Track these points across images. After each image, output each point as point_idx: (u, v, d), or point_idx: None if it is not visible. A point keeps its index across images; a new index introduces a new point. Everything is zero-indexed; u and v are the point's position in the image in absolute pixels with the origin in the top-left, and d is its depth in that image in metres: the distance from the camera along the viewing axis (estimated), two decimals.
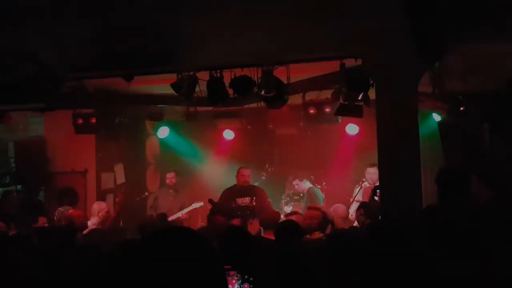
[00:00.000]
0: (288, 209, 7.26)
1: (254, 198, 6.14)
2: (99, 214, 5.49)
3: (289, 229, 3.77)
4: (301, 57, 4.77)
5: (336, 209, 5.04)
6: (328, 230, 4.33)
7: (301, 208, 6.58)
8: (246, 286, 2.62)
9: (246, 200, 6.17)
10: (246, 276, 2.61)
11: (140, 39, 4.79)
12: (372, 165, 6.35)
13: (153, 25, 4.76)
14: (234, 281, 2.58)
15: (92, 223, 5.49)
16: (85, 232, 5.11)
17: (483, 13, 4.04)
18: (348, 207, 5.80)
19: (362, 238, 3.08)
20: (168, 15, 4.75)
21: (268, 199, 6.36)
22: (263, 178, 8.31)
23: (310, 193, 7.02)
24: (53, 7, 4.82)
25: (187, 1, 4.72)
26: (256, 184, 8.03)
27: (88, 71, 5.25)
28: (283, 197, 7.83)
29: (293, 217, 4.61)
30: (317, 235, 4.26)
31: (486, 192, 4.07)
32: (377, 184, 4.81)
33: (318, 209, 4.63)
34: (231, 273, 2.59)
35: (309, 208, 4.92)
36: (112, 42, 4.84)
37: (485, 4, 4.03)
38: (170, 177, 7.26)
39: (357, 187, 6.69)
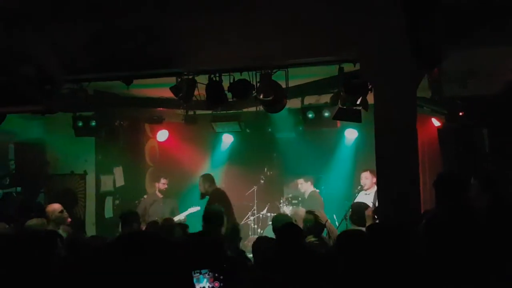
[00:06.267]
0: (287, 212, 7.27)
1: None
2: (53, 216, 5.26)
3: (291, 230, 3.77)
4: (300, 61, 4.78)
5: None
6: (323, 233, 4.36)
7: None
8: (216, 284, 2.70)
9: None
10: (216, 275, 2.68)
11: (140, 42, 4.81)
12: (364, 170, 6.42)
13: (153, 29, 4.78)
14: (205, 279, 2.66)
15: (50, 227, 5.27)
16: None
17: (482, 17, 4.04)
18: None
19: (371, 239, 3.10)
20: (168, 18, 4.76)
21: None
22: (262, 181, 8.31)
23: (311, 196, 7.01)
24: (52, 9, 4.84)
25: (186, 4, 4.73)
26: (255, 187, 8.05)
27: (88, 74, 5.26)
28: (281, 200, 7.84)
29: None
30: (310, 238, 4.27)
31: (486, 196, 4.07)
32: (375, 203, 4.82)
33: (311, 212, 4.65)
34: (203, 271, 2.67)
35: (306, 212, 4.94)
36: (112, 45, 4.86)
37: (484, 8, 4.04)
38: (164, 182, 7.28)
39: (356, 192, 6.69)
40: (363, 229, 4.52)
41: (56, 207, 5.36)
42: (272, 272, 2.95)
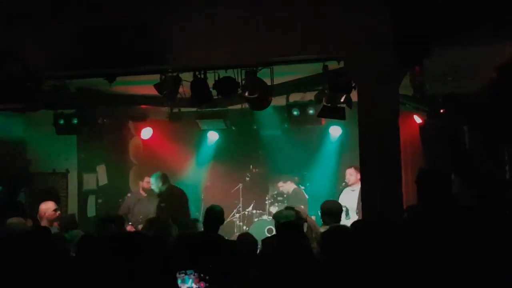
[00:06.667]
0: (273, 210, 7.31)
1: None
2: (46, 214, 5.27)
3: (291, 228, 3.79)
4: (284, 59, 4.80)
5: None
6: (304, 229, 4.38)
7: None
8: (202, 284, 2.70)
9: None
10: (202, 275, 2.69)
11: (124, 39, 4.76)
12: (349, 167, 6.49)
13: (137, 25, 4.74)
14: (191, 280, 2.67)
15: (42, 225, 5.27)
16: None
17: (464, 17, 4.12)
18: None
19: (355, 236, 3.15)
20: (152, 15, 4.73)
21: None
22: (247, 179, 8.32)
23: (295, 193, 7.04)
24: (35, 5, 4.76)
25: (171, 1, 4.71)
26: (240, 185, 8.07)
27: (70, 70, 5.18)
28: (267, 198, 7.86)
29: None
30: None
31: (468, 192, 4.16)
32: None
33: (291, 208, 4.70)
34: (188, 272, 2.68)
35: (285, 208, 4.99)
36: (94, 41, 4.80)
37: (466, 9, 4.12)
38: (148, 181, 7.24)
39: (341, 189, 6.75)
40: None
41: (50, 205, 5.33)
42: (268, 272, 2.97)
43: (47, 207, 5.31)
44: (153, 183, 6.65)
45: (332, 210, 4.61)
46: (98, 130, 7.16)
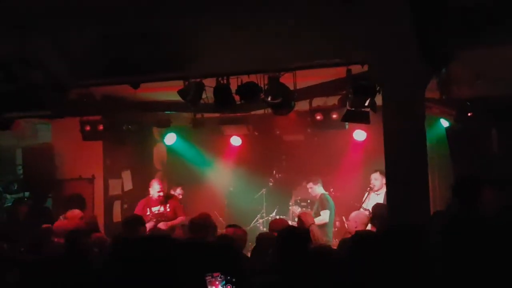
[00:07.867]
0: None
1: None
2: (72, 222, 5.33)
3: (294, 235, 3.75)
4: (307, 63, 4.77)
5: (358, 216, 4.98)
6: None
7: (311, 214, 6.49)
8: (229, 287, 2.71)
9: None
10: (229, 278, 2.70)
11: (147, 46, 4.83)
12: (375, 171, 6.37)
13: (160, 32, 4.80)
14: (217, 282, 2.68)
15: None
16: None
17: (490, 18, 4.03)
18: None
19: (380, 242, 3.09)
20: (175, 22, 4.78)
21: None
22: (271, 184, 8.30)
23: (321, 199, 6.94)
24: (60, 14, 4.87)
25: (194, 8, 4.75)
26: (263, 190, 8.06)
27: (95, 78, 5.28)
28: (290, 203, 7.81)
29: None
30: None
31: (496, 198, 4.04)
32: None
33: (298, 217, 4.72)
34: (215, 274, 2.69)
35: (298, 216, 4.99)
36: (119, 49, 4.88)
37: (492, 10, 4.03)
38: (180, 193, 7.35)
39: (366, 193, 6.64)
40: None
41: (76, 213, 5.45)
42: (283, 275, 2.95)
43: (73, 215, 5.43)
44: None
45: (384, 215, 4.50)
46: (123, 136, 7.28)
